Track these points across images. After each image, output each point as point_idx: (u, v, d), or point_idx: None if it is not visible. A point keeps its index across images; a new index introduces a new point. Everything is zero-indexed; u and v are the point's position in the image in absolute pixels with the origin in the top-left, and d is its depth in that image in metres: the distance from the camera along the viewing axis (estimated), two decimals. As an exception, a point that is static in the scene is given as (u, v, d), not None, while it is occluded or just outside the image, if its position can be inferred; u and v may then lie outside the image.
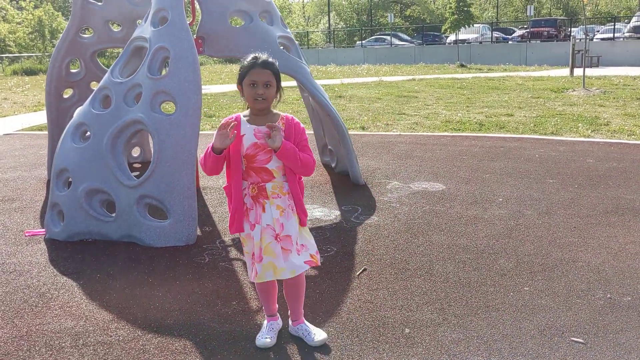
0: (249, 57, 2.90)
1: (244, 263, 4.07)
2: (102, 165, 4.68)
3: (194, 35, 5.66)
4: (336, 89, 17.52)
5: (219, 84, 21.60)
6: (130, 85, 4.82)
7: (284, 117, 3.00)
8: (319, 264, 3.08)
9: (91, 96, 5.03)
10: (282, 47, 6.02)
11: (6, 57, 38.51)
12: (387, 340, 3.15)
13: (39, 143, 9.38)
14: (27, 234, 4.95)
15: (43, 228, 5.00)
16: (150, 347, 3.11)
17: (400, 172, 6.94)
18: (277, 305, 3.26)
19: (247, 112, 3.00)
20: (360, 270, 4.08)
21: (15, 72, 32.29)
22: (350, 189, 6.19)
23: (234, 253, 4.47)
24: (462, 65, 29.00)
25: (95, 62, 6.73)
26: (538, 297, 3.63)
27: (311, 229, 4.87)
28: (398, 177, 6.67)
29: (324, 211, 5.46)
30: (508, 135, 9.38)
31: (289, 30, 6.39)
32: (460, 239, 4.67)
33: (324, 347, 3.08)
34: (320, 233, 4.86)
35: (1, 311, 3.54)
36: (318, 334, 3.12)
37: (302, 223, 3.03)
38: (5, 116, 13.36)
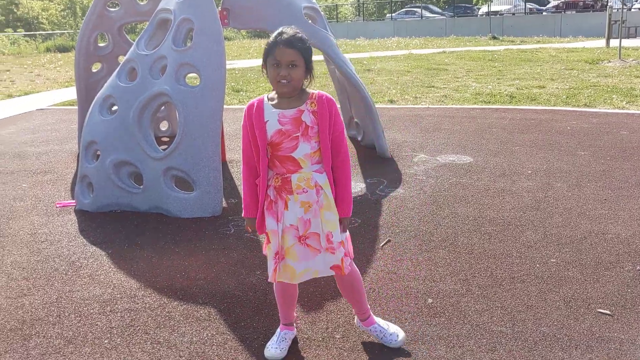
0: (274, 34, 2.48)
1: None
2: (129, 138, 4.74)
3: (219, 7, 5.65)
4: (364, 62, 17.35)
5: (247, 59, 21.57)
6: (155, 57, 4.84)
7: (317, 95, 2.53)
8: (345, 273, 2.66)
9: (118, 69, 5.07)
10: (307, 18, 5.97)
11: (39, 34, 39.05)
12: (409, 310, 3.15)
13: (70, 117, 9.53)
14: (58, 205, 5.06)
15: (73, 199, 5.10)
16: (175, 314, 3.17)
17: (427, 144, 6.87)
18: (295, 315, 2.97)
19: (272, 93, 2.58)
20: (385, 242, 4.07)
21: (48, 49, 32.77)
22: (376, 162, 6.16)
23: (259, 224, 4.50)
24: (494, 38, 28.39)
25: (122, 36, 6.78)
26: (565, 269, 3.57)
27: (336, 201, 4.88)
28: (425, 150, 6.61)
29: (349, 183, 5.45)
30: (539, 107, 9.19)
31: (314, 1, 6.33)
32: (487, 211, 4.62)
33: (346, 316, 3.09)
34: (345, 205, 4.84)
35: (33, 279, 3.64)
36: (396, 336, 2.81)
37: (343, 213, 2.63)
38: (38, 92, 13.60)
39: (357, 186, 5.38)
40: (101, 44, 6.82)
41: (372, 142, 6.52)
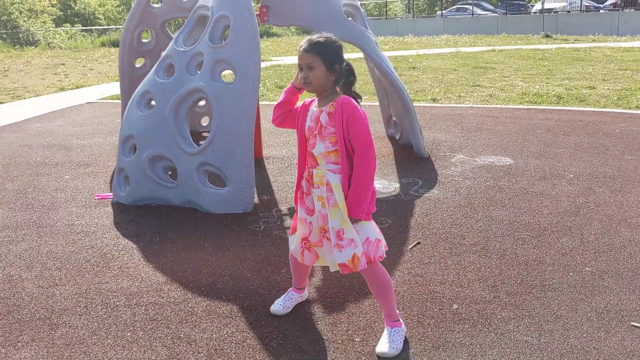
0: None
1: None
2: (165, 133, 4.80)
3: (259, 4, 5.67)
4: (410, 60, 17.16)
5: (294, 55, 21.63)
6: (192, 53, 4.89)
7: (338, 100, 2.65)
8: (357, 269, 2.68)
9: (156, 65, 5.15)
10: (347, 15, 5.93)
11: (95, 29, 40.16)
12: (433, 315, 3.08)
13: (116, 111, 9.75)
14: (96, 198, 5.18)
15: (111, 192, 5.21)
16: (198, 309, 3.19)
17: (467, 145, 6.74)
18: (307, 282, 3.21)
19: None
20: (414, 244, 4.01)
21: (103, 44, 33.65)
22: (413, 162, 6.07)
23: (289, 222, 4.50)
24: (547, 36, 27.63)
25: (165, 32, 6.88)
26: (600, 278, 3.44)
27: (368, 201, 4.83)
28: (464, 151, 6.48)
29: (383, 183, 5.39)
30: (588, 108, 8.89)
31: (355, -3, 6.27)
32: (523, 215, 4.49)
33: (368, 319, 3.05)
34: (377, 205, 4.77)
35: (65, 269, 3.74)
36: (388, 347, 2.75)
37: (349, 213, 2.66)
38: (89, 85, 13.98)
39: (391, 186, 5.31)
40: (144, 40, 6.94)
41: (409, 141, 6.43)
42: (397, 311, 2.91)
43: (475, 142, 6.87)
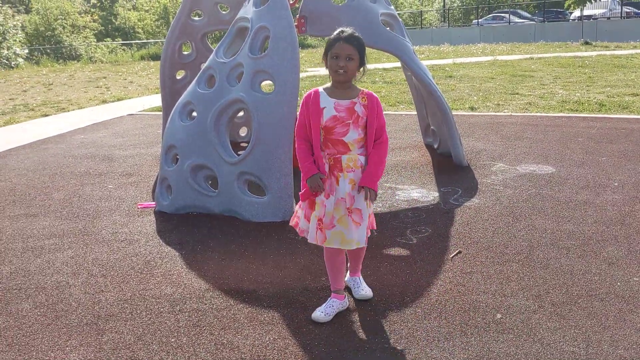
0: (336, 32, 2.97)
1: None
2: (206, 143, 4.88)
3: (297, 15, 5.73)
4: (447, 68, 17.06)
5: (330, 66, 21.73)
6: (232, 65, 4.97)
7: (366, 93, 3.04)
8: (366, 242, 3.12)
9: (197, 76, 5.24)
10: (384, 25, 5.94)
11: (135, 43, 41.13)
12: (476, 325, 3.05)
13: (157, 122, 9.94)
14: (139, 207, 5.29)
15: (154, 201, 5.31)
16: (240, 316, 3.22)
17: (507, 153, 6.65)
18: (344, 283, 3.27)
19: (328, 84, 3.08)
20: (455, 253, 3.97)
21: (142, 57, 34.40)
22: (452, 171, 6.02)
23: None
24: (586, 43, 27.14)
25: (205, 44, 7.00)
26: (649, 289, 3.35)
27: (407, 210, 4.83)
28: (504, 159, 6.40)
29: (422, 192, 5.36)
30: (631, 116, 8.69)
31: (392, 7, 6.29)
32: (566, 224, 4.40)
33: (410, 327, 3.04)
34: (416, 214, 4.78)
35: (110, 276, 3.82)
36: (365, 291, 3.34)
37: (364, 182, 3.00)
38: (130, 98, 14.29)
39: (430, 195, 5.28)
40: (185, 52, 7.07)
41: (448, 150, 6.39)
42: None
43: (516, 150, 6.78)
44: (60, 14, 38.01)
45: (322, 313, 3.14)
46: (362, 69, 3.01)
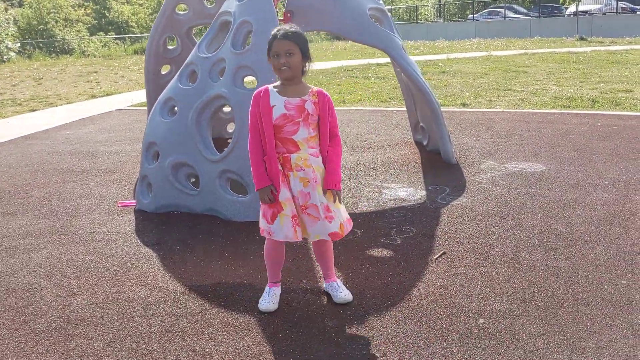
0: (273, 31, 3.01)
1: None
2: (188, 140, 4.76)
3: (284, 9, 5.60)
4: (440, 64, 16.94)
5: (323, 61, 21.59)
6: (214, 60, 4.85)
7: (316, 90, 3.06)
8: (344, 234, 3.10)
9: (179, 71, 5.12)
10: (373, 20, 5.82)
11: (128, 37, 40.82)
12: (457, 330, 2.95)
13: (144, 118, 9.79)
14: (119, 205, 5.17)
15: (135, 199, 5.19)
16: (215, 321, 3.11)
17: (497, 151, 6.55)
18: (281, 276, 3.32)
19: (277, 83, 3.07)
20: (439, 254, 3.87)
21: (135, 52, 34.19)
22: (441, 169, 5.92)
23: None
24: (581, 39, 27.08)
25: (191, 39, 6.86)
26: (637, 292, 3.26)
27: (393, 209, 4.72)
28: (494, 157, 6.30)
29: (409, 191, 5.26)
30: (624, 112, 8.60)
31: (381, 2, 6.17)
32: (555, 224, 4.31)
33: (389, 333, 2.94)
34: (402, 213, 4.67)
35: (84, 278, 3.70)
36: (344, 294, 3.24)
37: (328, 185, 3.03)
38: (120, 92, 14.14)
39: (417, 193, 5.17)
40: (170, 47, 6.94)
41: (437, 147, 6.28)
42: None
43: (506, 147, 6.68)
44: (53, 7, 37.61)
45: (270, 302, 3.18)
46: (307, 63, 3.01)
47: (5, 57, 29.42)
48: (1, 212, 5.09)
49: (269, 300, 3.20)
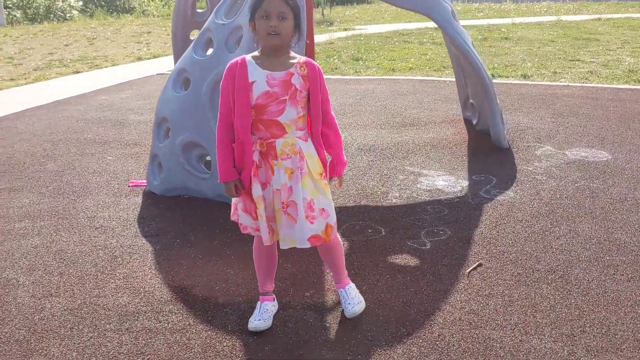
0: None
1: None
2: (200, 117, 4.28)
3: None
4: (503, 29, 15.79)
5: (380, 24, 20.65)
6: (232, 27, 4.31)
7: (304, 61, 2.51)
8: (330, 239, 2.60)
9: (194, 40, 4.61)
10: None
11: None
12: (483, 376, 2.38)
13: (183, 84, 9.41)
14: (130, 185, 4.77)
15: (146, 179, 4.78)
16: (195, 343, 2.65)
17: (557, 134, 5.79)
18: (273, 285, 2.87)
19: (256, 53, 2.51)
20: (473, 266, 3.27)
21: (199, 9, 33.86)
22: (489, 153, 5.24)
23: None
24: (664, 2, 24.93)
25: (221, 1, 6.32)
26: None
27: (427, 203, 4.13)
28: (552, 141, 5.55)
29: (449, 180, 4.63)
30: None
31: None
32: (618, 231, 3.62)
33: (385, 344, 2.40)
34: (437, 209, 4.06)
35: (67, 274, 3.31)
36: (355, 309, 2.77)
37: (335, 173, 2.66)
38: (167, 55, 13.81)
39: (458, 184, 4.54)
40: (199, 10, 6.42)
41: (487, 127, 5.59)
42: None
43: (567, 130, 5.90)
44: (115, -35, 37.69)
45: (260, 320, 2.72)
46: (297, 36, 2.48)
47: (68, 15, 29.71)
48: (9, 187, 4.78)
49: (259, 317, 2.74)
